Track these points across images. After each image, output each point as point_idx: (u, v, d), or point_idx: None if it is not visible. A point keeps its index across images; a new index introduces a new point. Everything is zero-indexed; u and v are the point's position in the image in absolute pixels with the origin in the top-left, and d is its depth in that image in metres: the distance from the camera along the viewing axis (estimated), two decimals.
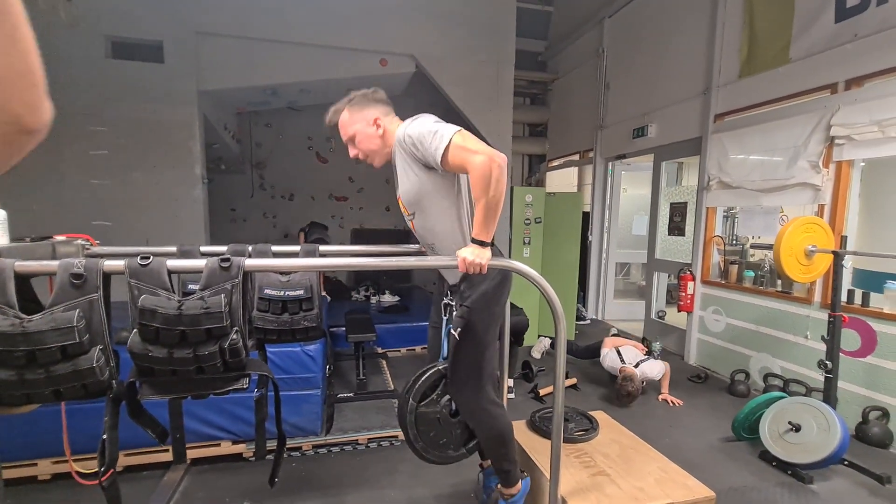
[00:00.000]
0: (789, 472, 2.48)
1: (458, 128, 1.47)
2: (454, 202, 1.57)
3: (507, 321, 2.03)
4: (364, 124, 1.59)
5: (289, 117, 6.79)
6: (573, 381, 3.73)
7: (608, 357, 3.58)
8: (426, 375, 1.72)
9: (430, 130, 1.46)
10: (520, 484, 1.79)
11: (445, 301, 1.71)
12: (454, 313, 1.63)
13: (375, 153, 1.62)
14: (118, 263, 1.14)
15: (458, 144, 1.42)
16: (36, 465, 2.26)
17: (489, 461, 1.91)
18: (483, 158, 1.39)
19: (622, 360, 3.48)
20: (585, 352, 4.00)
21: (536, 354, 4.48)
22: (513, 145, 5.82)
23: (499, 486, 1.82)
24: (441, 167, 1.46)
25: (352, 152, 1.65)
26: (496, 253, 1.59)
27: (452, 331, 1.62)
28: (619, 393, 3.26)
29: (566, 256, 4.95)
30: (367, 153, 1.62)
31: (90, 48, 3.98)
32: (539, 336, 4.78)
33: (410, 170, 1.55)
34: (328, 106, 1.68)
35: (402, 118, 1.67)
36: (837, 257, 2.60)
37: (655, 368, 3.44)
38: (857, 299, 3.07)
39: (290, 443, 2.59)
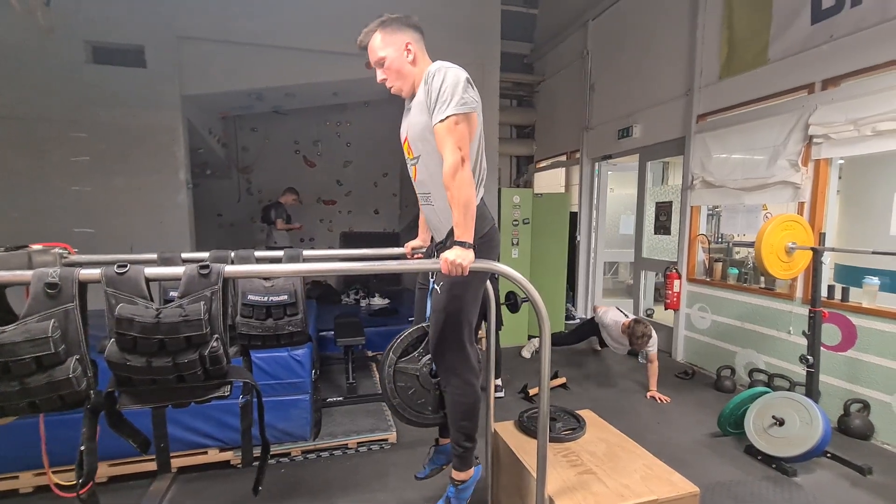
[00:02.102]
0: (774, 465, 2.52)
1: (469, 110, 1.45)
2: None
3: (493, 326, 2.03)
4: (395, 49, 1.54)
5: (275, 121, 6.74)
6: (563, 380, 3.75)
7: (609, 314, 3.64)
8: (408, 332, 1.71)
9: (443, 96, 1.43)
10: (472, 470, 1.77)
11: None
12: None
13: (404, 80, 1.58)
14: (94, 272, 1.12)
15: (449, 128, 1.43)
16: (17, 477, 2.22)
17: (446, 439, 1.89)
18: (454, 160, 1.42)
19: (625, 315, 3.58)
20: (572, 336, 4.03)
21: (526, 354, 4.50)
22: (500, 147, 5.86)
23: (452, 471, 1.78)
24: (430, 124, 1.48)
25: (379, 77, 1.60)
26: (483, 210, 1.62)
27: (436, 286, 1.60)
28: (635, 334, 3.31)
29: (554, 256, 4.99)
30: (394, 79, 1.58)
31: (70, 53, 3.92)
32: (529, 337, 4.81)
33: (423, 109, 1.53)
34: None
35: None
36: (816, 254, 2.65)
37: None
38: (838, 294, 3.13)
39: (279, 449, 2.57)
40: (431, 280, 1.70)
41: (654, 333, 3.43)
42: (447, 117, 1.43)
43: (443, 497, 1.82)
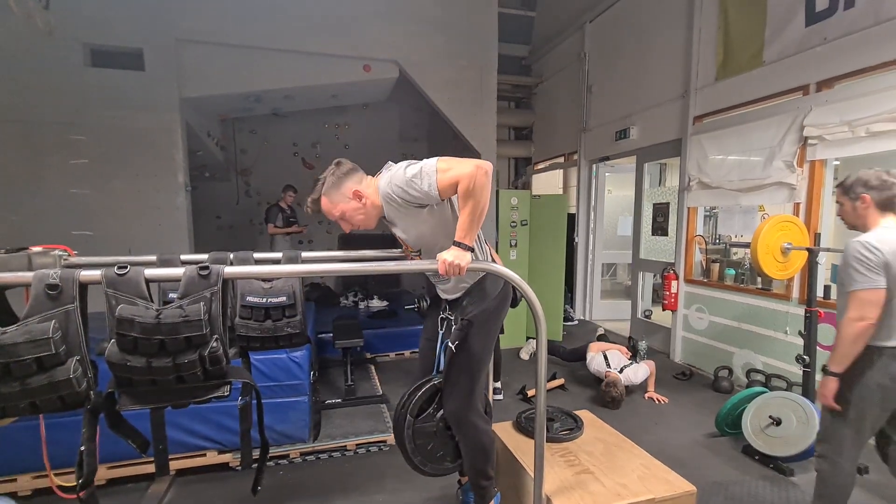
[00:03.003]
0: (771, 465, 2.53)
1: (437, 167, 1.50)
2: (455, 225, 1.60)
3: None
4: (346, 201, 1.60)
5: (273, 123, 6.75)
6: (561, 381, 3.76)
7: (594, 361, 3.64)
8: (423, 390, 1.74)
9: (413, 174, 1.49)
10: (493, 502, 1.84)
11: (443, 315, 1.75)
12: (453, 327, 1.67)
13: (368, 217, 1.64)
14: (95, 273, 1.13)
15: (443, 169, 1.47)
16: (15, 480, 2.21)
17: (467, 477, 1.93)
18: (470, 168, 1.46)
19: (608, 365, 3.54)
20: (572, 355, 4.04)
21: (525, 356, 4.51)
22: (498, 149, 5.87)
23: None
24: (439, 198, 1.51)
25: (346, 228, 1.67)
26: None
27: (450, 343, 1.66)
28: (604, 399, 3.33)
29: (553, 258, 4.99)
30: (360, 223, 1.65)
31: (69, 56, 3.92)
32: (528, 338, 4.81)
33: (407, 216, 1.59)
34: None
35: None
36: (812, 254, 2.66)
37: (640, 373, 3.49)
38: (834, 295, 3.14)
39: (277, 451, 2.58)
40: (441, 333, 1.75)
41: (633, 376, 3.47)
42: (436, 172, 1.47)
43: None
